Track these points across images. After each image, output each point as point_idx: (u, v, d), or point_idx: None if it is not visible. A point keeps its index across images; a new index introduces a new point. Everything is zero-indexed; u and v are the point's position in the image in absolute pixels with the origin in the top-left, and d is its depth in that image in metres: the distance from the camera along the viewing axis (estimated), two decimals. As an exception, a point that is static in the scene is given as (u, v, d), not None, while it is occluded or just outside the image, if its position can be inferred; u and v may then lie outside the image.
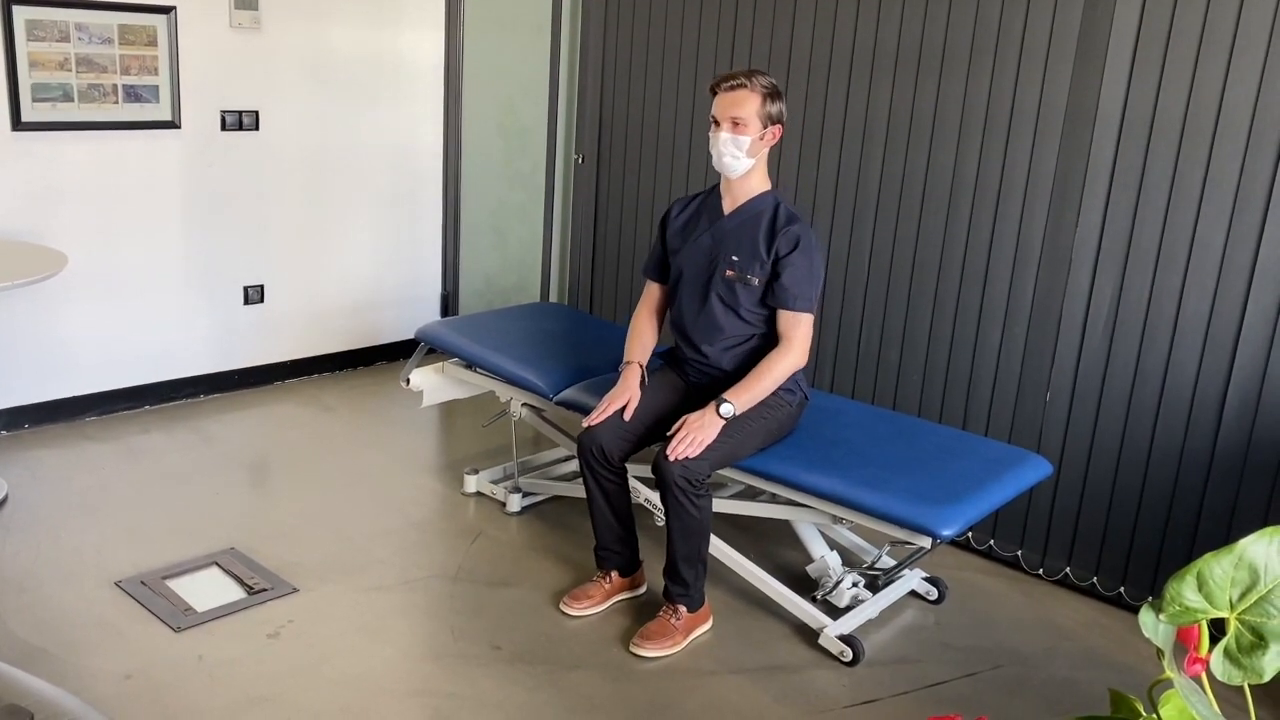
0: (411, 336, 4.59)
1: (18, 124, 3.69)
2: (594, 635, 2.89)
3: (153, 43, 3.95)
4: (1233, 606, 1.05)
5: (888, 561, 3.13)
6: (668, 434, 2.78)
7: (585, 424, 2.92)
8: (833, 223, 3.64)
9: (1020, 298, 3.24)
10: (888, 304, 3.54)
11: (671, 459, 2.69)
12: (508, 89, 4.84)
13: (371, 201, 4.76)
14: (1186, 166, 2.88)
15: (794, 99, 3.66)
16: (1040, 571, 3.32)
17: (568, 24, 4.51)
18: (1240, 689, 1.11)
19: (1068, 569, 3.26)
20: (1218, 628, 1.08)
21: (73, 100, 3.80)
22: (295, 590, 2.98)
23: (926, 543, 2.63)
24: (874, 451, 2.91)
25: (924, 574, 3.19)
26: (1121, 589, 3.16)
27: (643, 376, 2.98)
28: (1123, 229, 3.01)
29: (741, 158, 2.79)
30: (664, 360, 3.12)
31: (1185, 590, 1.06)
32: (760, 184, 2.87)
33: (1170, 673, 1.05)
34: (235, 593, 2.95)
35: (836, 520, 2.94)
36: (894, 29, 3.39)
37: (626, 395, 2.91)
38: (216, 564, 3.09)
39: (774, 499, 3.07)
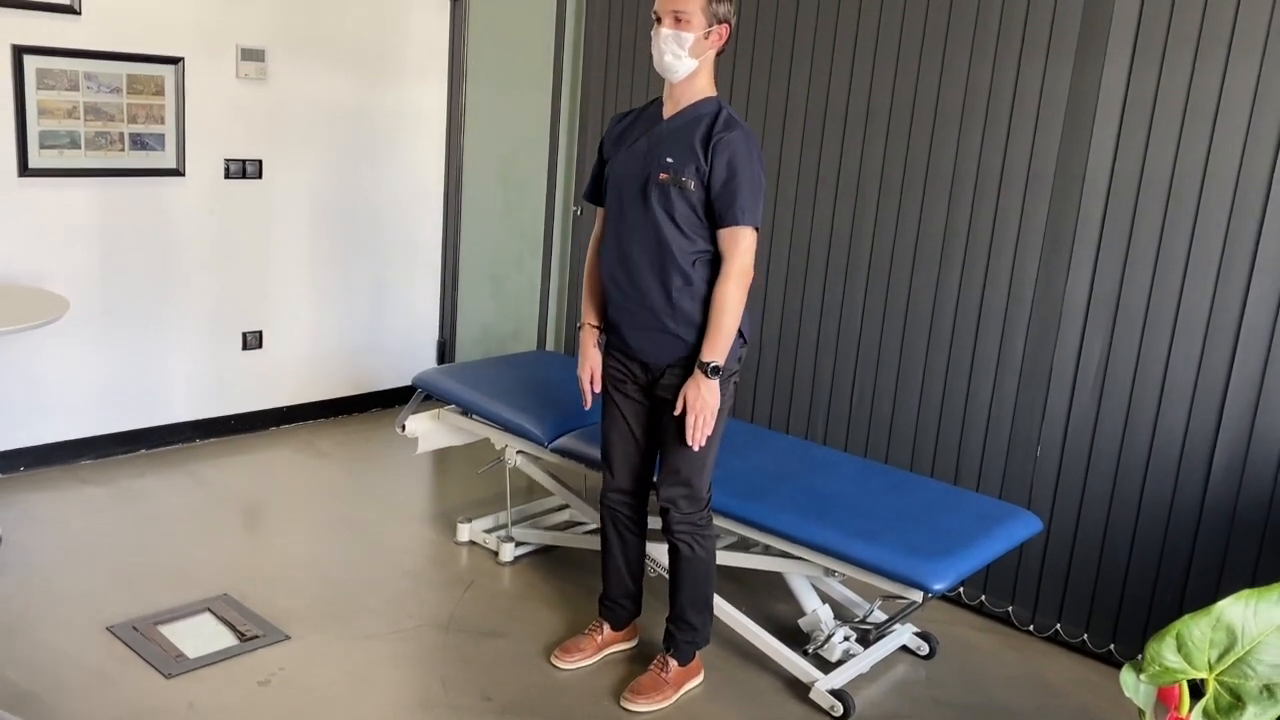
0: (407, 384, 4.62)
1: (25, 170, 3.74)
2: (585, 688, 2.88)
3: (160, 92, 4.02)
4: (1211, 667, 1.07)
5: (879, 616, 3.13)
6: (674, 413, 2.66)
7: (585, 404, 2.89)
8: (827, 275, 3.69)
9: (1011, 355, 3.28)
10: (880, 359, 3.58)
11: (696, 448, 2.64)
12: (508, 142, 4.92)
13: (371, 250, 4.81)
14: (1173, 228, 2.94)
15: (789, 151, 3.73)
16: (1031, 628, 3.33)
17: (568, 79, 4.59)
18: (1220, 749, 1.13)
19: (1058, 626, 3.27)
20: (1198, 687, 1.11)
21: (80, 147, 3.86)
22: (287, 637, 2.98)
23: (918, 596, 2.64)
24: (867, 504, 2.93)
25: (915, 629, 3.19)
26: (1111, 646, 3.17)
27: (599, 339, 2.86)
28: (1111, 288, 3.06)
29: (683, 57, 2.56)
30: (604, 361, 2.85)
31: (1165, 651, 1.08)
32: (705, 88, 2.64)
33: (1151, 732, 1.07)
34: (227, 639, 2.95)
35: (829, 573, 2.95)
36: (887, 89, 3.46)
37: (587, 366, 2.85)
38: (209, 610, 3.09)
39: (767, 550, 3.08)
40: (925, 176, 3.41)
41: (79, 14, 3.76)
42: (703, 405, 2.62)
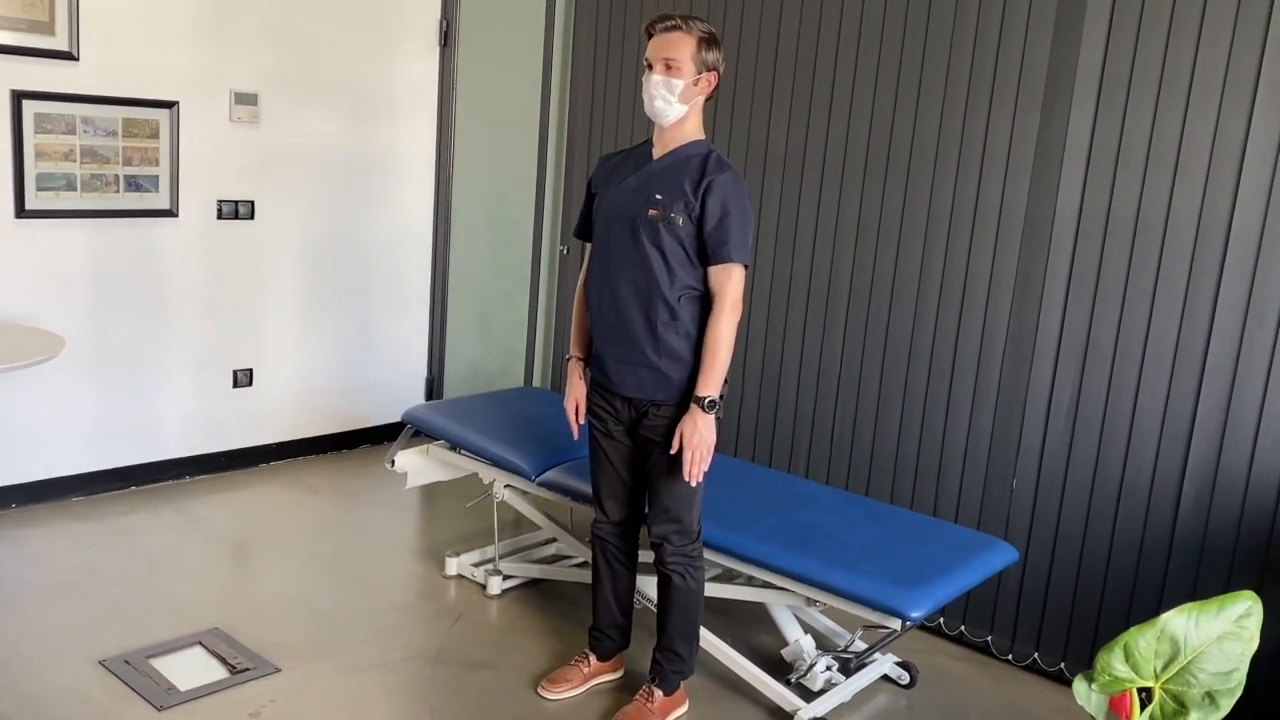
0: (396, 420, 4.68)
1: (21, 212, 3.82)
2: (571, 718, 2.93)
3: (155, 135, 4.11)
4: (1157, 676, 1.15)
5: (860, 645, 3.19)
6: (671, 451, 2.70)
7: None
8: (807, 316, 3.79)
9: (986, 390, 3.38)
10: (860, 395, 3.67)
11: (694, 483, 2.69)
12: (497, 182, 5.03)
13: (361, 288, 4.89)
14: (1139, 266, 3.05)
15: (769, 197, 3.84)
16: (1010, 657, 3.40)
17: (555, 121, 4.71)
18: (1169, 755, 1.21)
19: (1036, 654, 3.34)
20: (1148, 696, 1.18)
21: (75, 190, 3.94)
22: (277, 670, 3.02)
23: (896, 625, 2.71)
24: (847, 535, 3.00)
25: (896, 658, 3.25)
26: (1088, 674, 3.24)
27: (584, 373, 2.93)
28: (1081, 325, 3.17)
29: (673, 102, 2.65)
30: (588, 400, 2.91)
31: (1114, 661, 1.16)
32: (694, 132, 2.73)
33: (1103, 739, 1.15)
34: (218, 672, 2.99)
35: (810, 603, 3.01)
36: (863, 135, 3.58)
37: (573, 398, 2.93)
38: (200, 643, 3.13)
39: (750, 581, 3.15)
40: (902, 219, 3.52)
41: (77, 60, 3.86)
42: (699, 440, 2.67)
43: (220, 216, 4.35)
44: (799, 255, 3.79)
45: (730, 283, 2.67)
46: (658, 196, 2.68)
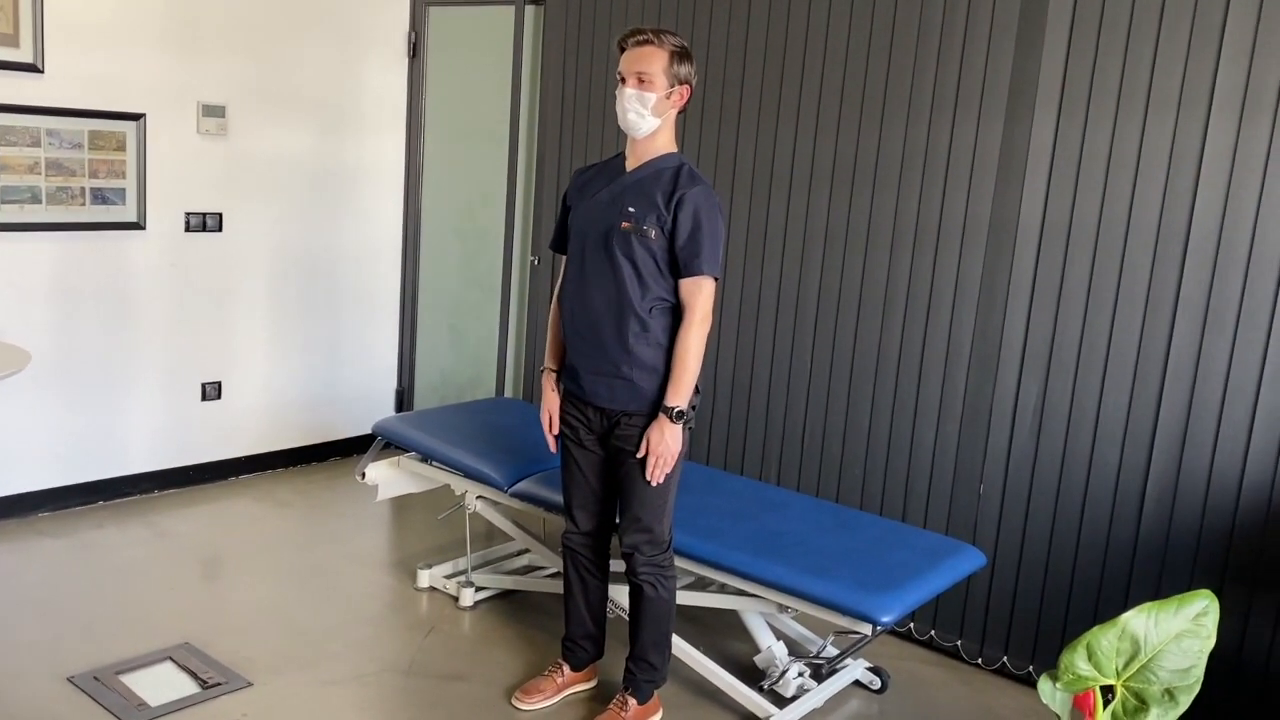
0: (366, 432, 4.67)
1: (-15, 224, 3.79)
2: (546, 727, 2.94)
3: (121, 148, 4.08)
4: (1119, 674, 1.18)
5: (832, 651, 3.22)
6: (637, 456, 2.75)
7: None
8: (776, 324, 3.82)
9: (952, 398, 3.42)
10: (829, 403, 3.71)
11: (655, 484, 2.73)
12: (466, 194, 5.03)
13: (330, 301, 4.88)
14: (1101, 274, 3.11)
15: (739, 208, 3.88)
16: (979, 661, 3.44)
17: (525, 132, 4.73)
18: (1131, 751, 1.24)
19: (1005, 658, 3.38)
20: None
21: (41, 203, 3.91)
22: (249, 684, 3.00)
23: (867, 629, 2.74)
24: (817, 541, 3.03)
25: (867, 664, 3.28)
26: (1056, 677, 3.28)
27: (558, 381, 2.95)
28: (1045, 332, 3.22)
29: (646, 115, 2.68)
30: (561, 410, 2.93)
31: (1077, 660, 1.19)
32: (666, 145, 2.77)
33: (1068, 736, 1.18)
34: (189, 687, 2.97)
35: (782, 609, 3.04)
36: (830, 147, 3.63)
37: (547, 410, 2.95)
38: (170, 659, 3.10)
39: (722, 589, 3.17)
40: (868, 230, 3.56)
41: (41, 72, 3.83)
42: (664, 448, 2.72)
43: (188, 229, 4.33)
44: (768, 265, 3.83)
45: (700, 295, 2.70)
46: (630, 209, 2.71)
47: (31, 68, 3.80)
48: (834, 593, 2.75)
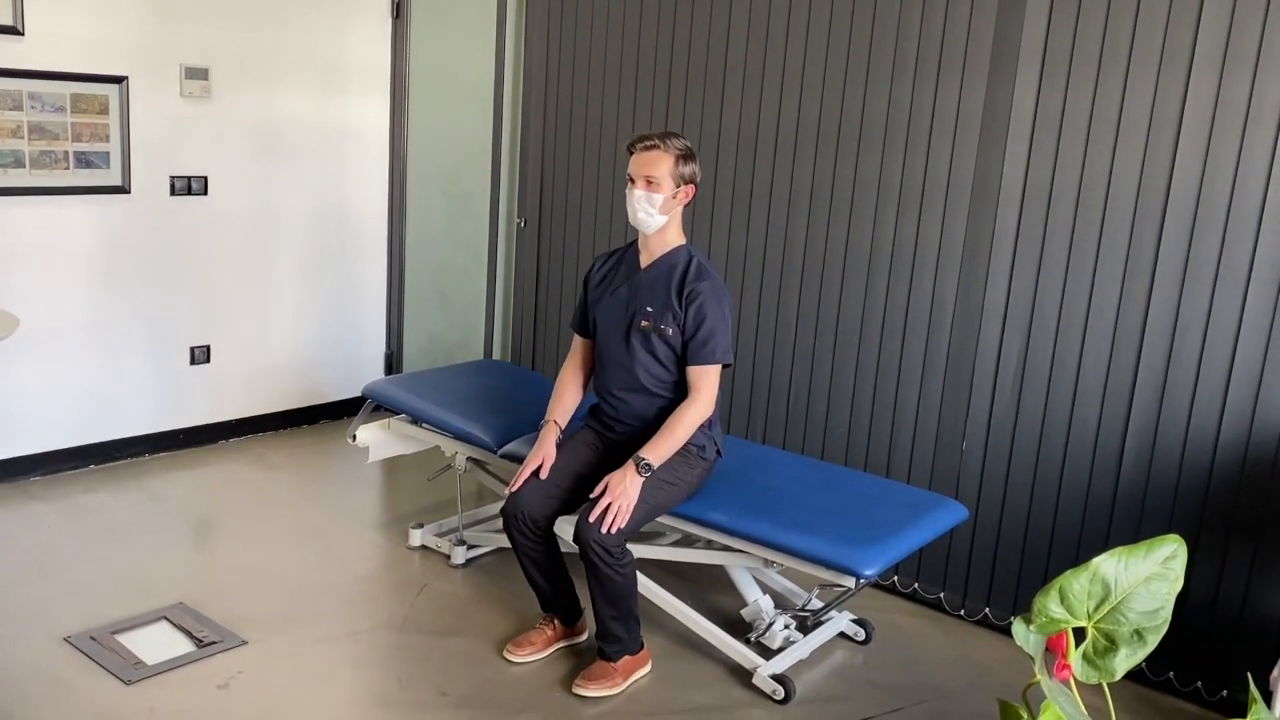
0: (355, 395, 4.70)
1: (-31, 189, 3.77)
2: (537, 680, 3.00)
3: (104, 111, 4.06)
4: (1090, 616, 1.23)
5: (817, 604, 3.29)
6: (590, 495, 2.87)
7: (508, 490, 3.02)
8: (762, 286, 3.85)
9: (935, 356, 3.47)
10: (814, 362, 3.75)
11: (603, 530, 2.76)
12: (452, 156, 5.03)
13: (317, 264, 4.89)
14: (1082, 234, 3.14)
15: (723, 171, 3.89)
16: (962, 612, 3.51)
17: (509, 95, 4.72)
18: (1101, 689, 1.29)
19: (987, 609, 3.46)
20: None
21: (24, 166, 3.89)
22: (244, 642, 3.05)
23: (850, 582, 2.80)
24: (802, 498, 3.08)
25: (852, 616, 3.35)
26: (1035, 627, 3.36)
27: (560, 437, 3.08)
28: (1027, 292, 3.26)
29: (654, 214, 2.92)
30: (585, 419, 3.20)
31: (1050, 603, 1.24)
32: (675, 238, 3.01)
33: (1040, 676, 1.23)
34: (185, 646, 3.01)
35: (768, 564, 3.10)
36: (815, 109, 3.64)
37: (541, 456, 3.01)
38: (165, 618, 3.15)
39: (709, 545, 3.22)
40: (852, 191, 3.59)
41: (22, 35, 3.80)
42: (622, 494, 2.81)
43: (174, 193, 4.32)
44: (753, 226, 3.85)
45: (707, 380, 2.94)
46: (648, 309, 2.98)
47: (12, 30, 3.78)
48: (818, 547, 2.81)
